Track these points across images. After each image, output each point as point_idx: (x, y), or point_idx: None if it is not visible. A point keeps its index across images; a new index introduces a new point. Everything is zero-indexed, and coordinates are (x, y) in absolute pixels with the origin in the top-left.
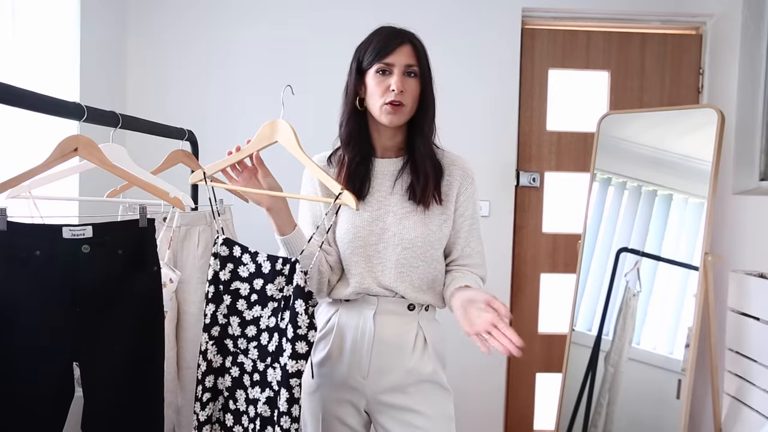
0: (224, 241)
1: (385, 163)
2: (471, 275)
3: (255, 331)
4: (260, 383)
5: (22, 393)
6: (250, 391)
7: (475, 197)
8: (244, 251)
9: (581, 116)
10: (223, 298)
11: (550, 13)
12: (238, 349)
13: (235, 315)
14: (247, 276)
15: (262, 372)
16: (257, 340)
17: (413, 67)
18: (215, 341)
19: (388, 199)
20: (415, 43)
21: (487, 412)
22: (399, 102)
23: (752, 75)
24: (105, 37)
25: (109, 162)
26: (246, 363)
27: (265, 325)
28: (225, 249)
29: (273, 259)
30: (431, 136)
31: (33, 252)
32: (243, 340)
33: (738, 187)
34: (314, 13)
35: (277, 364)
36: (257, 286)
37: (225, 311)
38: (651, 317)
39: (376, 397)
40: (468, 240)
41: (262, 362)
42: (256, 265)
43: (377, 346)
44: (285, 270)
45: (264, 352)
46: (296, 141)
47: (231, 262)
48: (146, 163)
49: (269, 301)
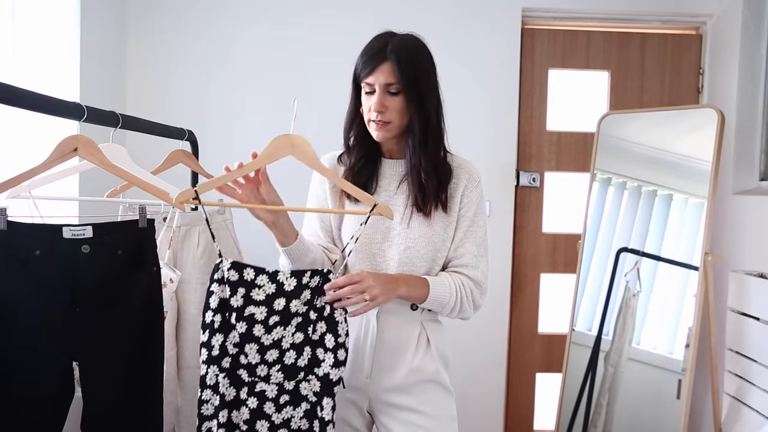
0: (232, 265)
1: (393, 163)
2: (447, 275)
3: (277, 354)
4: (292, 401)
5: (22, 393)
6: (276, 416)
7: (479, 200)
8: (258, 273)
9: (581, 116)
10: (236, 327)
11: (550, 13)
12: (257, 377)
13: (252, 342)
14: (264, 299)
15: (293, 390)
16: (281, 363)
17: (393, 85)
18: (227, 373)
19: (394, 199)
20: (398, 58)
21: (487, 412)
22: (381, 120)
23: (752, 75)
24: (105, 37)
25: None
26: (268, 389)
27: (289, 344)
28: (234, 273)
29: (298, 274)
30: (430, 145)
31: (33, 252)
32: (263, 366)
33: (738, 187)
34: (314, 13)
35: (312, 376)
36: (278, 306)
37: (237, 340)
38: (651, 317)
39: (378, 396)
40: (463, 241)
41: (291, 380)
42: (276, 285)
43: (380, 345)
44: (312, 283)
45: (292, 371)
46: (315, 155)
47: (242, 286)
48: (146, 163)
49: (293, 317)
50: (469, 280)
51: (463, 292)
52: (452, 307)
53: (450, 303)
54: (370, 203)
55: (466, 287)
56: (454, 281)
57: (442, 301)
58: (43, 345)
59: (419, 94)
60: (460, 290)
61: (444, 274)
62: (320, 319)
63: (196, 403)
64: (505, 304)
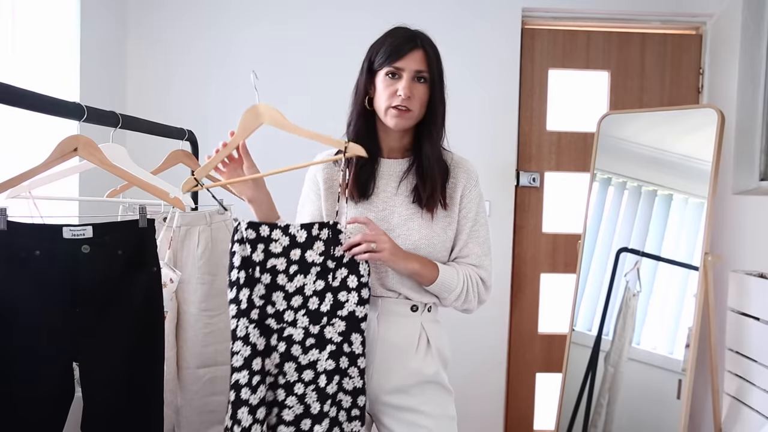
0: (249, 225)
1: (391, 163)
2: (456, 264)
3: (301, 299)
4: (317, 344)
5: (22, 393)
6: (303, 357)
7: (479, 200)
8: (272, 228)
9: (581, 116)
10: (261, 279)
11: (550, 13)
12: (285, 323)
13: (278, 290)
14: (282, 250)
15: (318, 333)
16: (305, 308)
17: (423, 72)
18: (256, 324)
19: (393, 200)
20: (428, 49)
21: (487, 412)
22: (405, 107)
23: (752, 75)
24: (105, 37)
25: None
26: (295, 333)
27: (312, 291)
28: (252, 232)
29: (307, 226)
30: (440, 140)
31: (33, 252)
32: (290, 312)
33: (738, 187)
34: (314, 13)
35: (336, 319)
36: (295, 256)
37: (262, 292)
38: (651, 317)
39: (379, 398)
40: (467, 241)
41: (317, 325)
42: (290, 237)
43: (380, 347)
44: (323, 234)
45: (317, 315)
46: (283, 117)
47: (261, 242)
48: (146, 163)
49: (311, 267)
50: (475, 273)
51: (469, 282)
52: (458, 294)
53: (457, 290)
54: (339, 146)
55: (473, 279)
56: (464, 270)
57: (450, 286)
58: (43, 345)
59: (441, 87)
60: (468, 280)
61: (453, 263)
62: (339, 266)
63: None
64: (505, 304)
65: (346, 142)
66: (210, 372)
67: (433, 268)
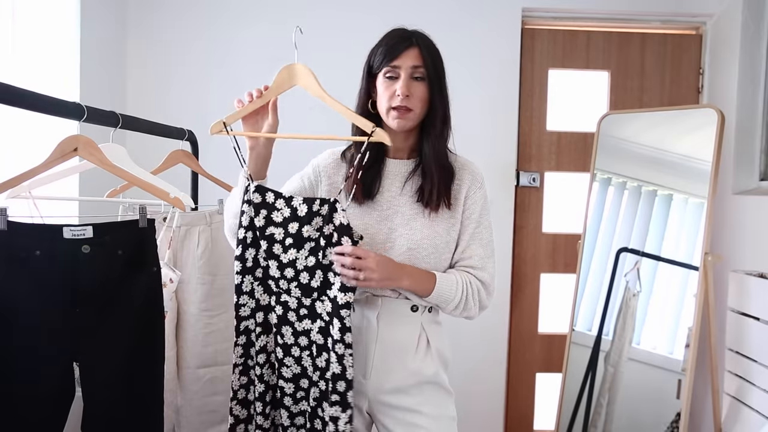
0: (257, 188)
1: (397, 163)
2: (456, 271)
3: (293, 272)
4: (309, 316)
5: (23, 393)
6: (298, 324)
7: (483, 201)
8: (277, 197)
9: (581, 116)
10: (260, 243)
11: (550, 13)
12: (281, 289)
13: (273, 259)
14: (282, 221)
15: (310, 306)
16: (297, 280)
17: (420, 69)
18: (260, 281)
19: (398, 200)
20: (424, 46)
21: (487, 412)
22: (405, 106)
23: (752, 75)
24: (105, 37)
25: (109, 162)
26: (290, 301)
27: (303, 266)
28: (258, 196)
29: (309, 201)
30: (443, 139)
31: (33, 252)
32: (284, 281)
33: (738, 187)
34: (314, 12)
35: (325, 297)
36: (292, 229)
37: (264, 255)
38: (651, 317)
39: (378, 397)
40: (469, 243)
41: (308, 298)
42: (291, 210)
43: (380, 346)
44: (323, 210)
45: (307, 290)
46: (317, 84)
47: (264, 208)
48: (146, 163)
49: (306, 242)
50: (477, 280)
51: (469, 290)
52: (457, 304)
53: (455, 300)
54: (367, 127)
55: (474, 286)
56: (462, 278)
57: (447, 297)
58: (44, 345)
59: (440, 83)
60: (467, 287)
61: (452, 270)
62: (329, 245)
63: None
64: (505, 304)
65: (374, 126)
66: (210, 372)
67: (428, 281)
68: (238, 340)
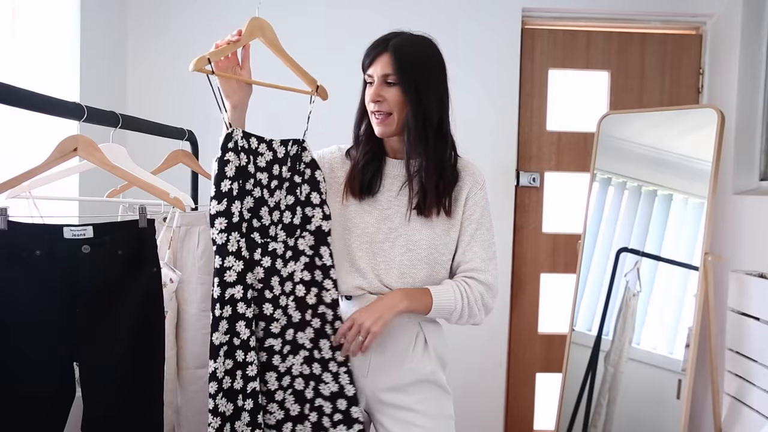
0: (244, 134)
1: (396, 164)
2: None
3: (279, 214)
4: (293, 257)
5: (22, 394)
6: (284, 270)
7: (484, 203)
8: (260, 141)
9: (581, 116)
10: (252, 192)
11: (550, 13)
12: (269, 237)
13: (264, 205)
14: (265, 165)
15: (293, 246)
16: (281, 222)
17: (390, 75)
18: (245, 238)
19: (397, 200)
20: (398, 50)
21: (487, 412)
22: (379, 111)
23: (752, 75)
24: (105, 37)
25: (109, 162)
26: (278, 247)
27: (285, 205)
28: (245, 142)
29: (284, 142)
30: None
31: (33, 252)
32: (273, 227)
33: (738, 187)
34: (314, 11)
35: (306, 233)
36: (276, 171)
37: (251, 205)
38: (651, 317)
39: (375, 395)
40: (470, 244)
41: (291, 237)
42: (272, 152)
43: (378, 346)
44: (292, 151)
45: (291, 228)
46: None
47: (251, 153)
48: (146, 163)
49: (285, 182)
50: (479, 283)
51: (470, 297)
52: (460, 313)
53: (457, 310)
54: (312, 85)
55: (474, 291)
56: (459, 287)
57: (448, 309)
58: (44, 345)
59: (416, 87)
60: (466, 295)
61: (447, 280)
62: (304, 182)
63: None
64: (505, 304)
65: (318, 85)
66: None
67: (424, 297)
68: (223, 312)
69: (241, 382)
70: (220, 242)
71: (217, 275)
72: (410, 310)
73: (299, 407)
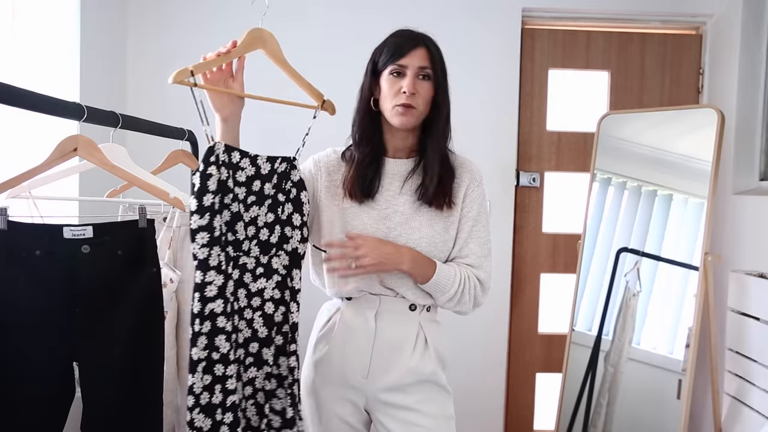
0: (226, 148)
1: (396, 163)
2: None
3: (254, 230)
4: (265, 274)
5: (22, 393)
6: (252, 285)
7: (482, 200)
8: (243, 156)
9: (581, 116)
10: (230, 207)
11: (550, 13)
12: (241, 252)
13: (240, 220)
14: (245, 180)
15: (267, 264)
16: (257, 238)
17: (426, 69)
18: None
19: (396, 199)
20: (430, 47)
21: (487, 412)
22: (410, 104)
23: (752, 75)
24: (105, 37)
25: (109, 162)
26: (248, 262)
27: (263, 222)
28: (226, 156)
29: (272, 159)
30: (444, 138)
31: (33, 252)
32: (246, 241)
33: (738, 187)
34: (314, 10)
35: (282, 252)
36: (255, 188)
37: (227, 219)
38: (651, 317)
39: (376, 395)
40: (467, 241)
41: (266, 255)
42: (255, 168)
43: (378, 345)
44: (280, 168)
45: (266, 246)
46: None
47: (230, 168)
48: (146, 163)
49: (266, 199)
50: (476, 278)
51: (467, 285)
52: (451, 296)
53: (451, 291)
54: (319, 99)
55: (471, 281)
56: (462, 272)
57: (444, 287)
58: (43, 345)
59: (445, 85)
60: (465, 282)
61: (452, 263)
62: (288, 201)
63: None
64: (505, 304)
65: (324, 99)
66: None
67: (428, 267)
68: (202, 327)
69: (221, 396)
70: (201, 257)
71: (198, 290)
72: (410, 274)
73: (258, 419)
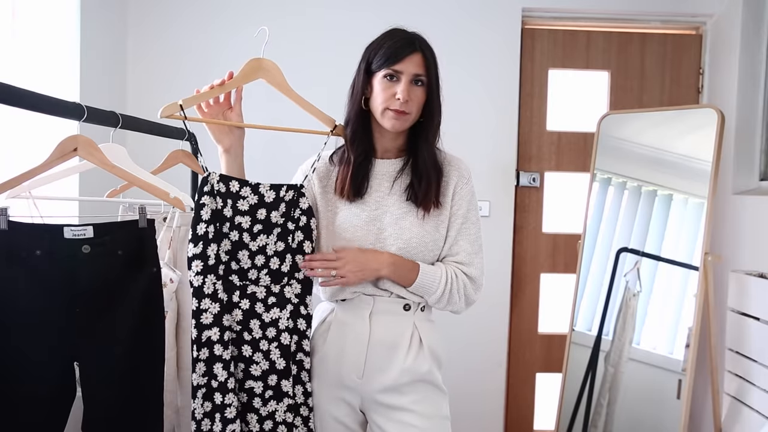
0: (221, 178)
1: (385, 163)
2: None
3: (264, 259)
4: (278, 303)
5: (23, 394)
6: (266, 315)
7: (470, 197)
8: (242, 184)
9: (581, 116)
10: (228, 235)
11: (550, 13)
12: (248, 281)
13: (244, 249)
14: (248, 209)
15: (279, 293)
16: (267, 267)
17: (421, 76)
18: (222, 279)
19: (386, 200)
20: (426, 53)
21: (487, 412)
22: (403, 111)
23: (752, 75)
24: (105, 37)
25: (109, 162)
26: (258, 291)
27: (273, 251)
28: (222, 186)
29: (276, 187)
30: (435, 142)
31: (33, 252)
32: (253, 270)
33: (738, 187)
34: (312, 11)
35: (293, 281)
36: (261, 216)
37: (228, 248)
38: (651, 317)
39: (371, 396)
40: (456, 239)
41: (278, 284)
42: (258, 196)
43: (373, 345)
44: (287, 196)
45: (278, 275)
46: (284, 80)
47: (230, 197)
48: (146, 163)
49: (274, 227)
50: (465, 276)
51: (454, 284)
52: (439, 296)
53: (438, 292)
54: (330, 125)
55: (460, 280)
56: (447, 271)
57: (429, 288)
58: (44, 345)
59: (439, 90)
60: (452, 281)
61: (440, 263)
62: (297, 229)
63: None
64: (505, 304)
65: (336, 123)
66: None
67: (410, 271)
68: (200, 354)
69: (220, 424)
70: (196, 284)
71: (194, 317)
72: (391, 279)
73: None
